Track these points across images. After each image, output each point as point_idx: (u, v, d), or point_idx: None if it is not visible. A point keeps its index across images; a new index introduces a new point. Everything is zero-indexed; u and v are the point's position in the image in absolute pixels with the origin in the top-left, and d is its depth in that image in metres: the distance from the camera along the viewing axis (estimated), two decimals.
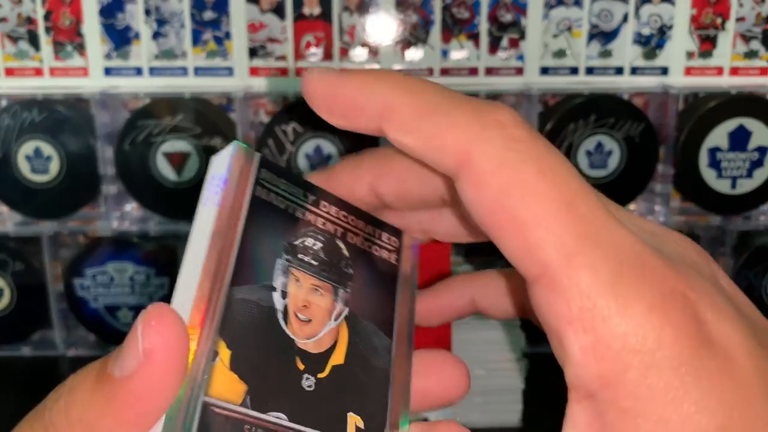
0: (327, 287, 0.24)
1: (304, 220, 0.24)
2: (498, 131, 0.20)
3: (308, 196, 0.25)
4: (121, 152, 0.76)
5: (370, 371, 0.23)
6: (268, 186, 0.24)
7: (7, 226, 0.79)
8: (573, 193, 0.19)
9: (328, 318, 0.23)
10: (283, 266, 0.23)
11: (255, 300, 0.21)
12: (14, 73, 0.78)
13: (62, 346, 0.83)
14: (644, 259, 0.19)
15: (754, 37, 0.78)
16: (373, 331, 0.24)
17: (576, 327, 0.19)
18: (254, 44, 0.77)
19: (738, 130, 0.77)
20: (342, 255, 0.25)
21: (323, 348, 0.23)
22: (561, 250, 0.19)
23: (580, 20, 0.77)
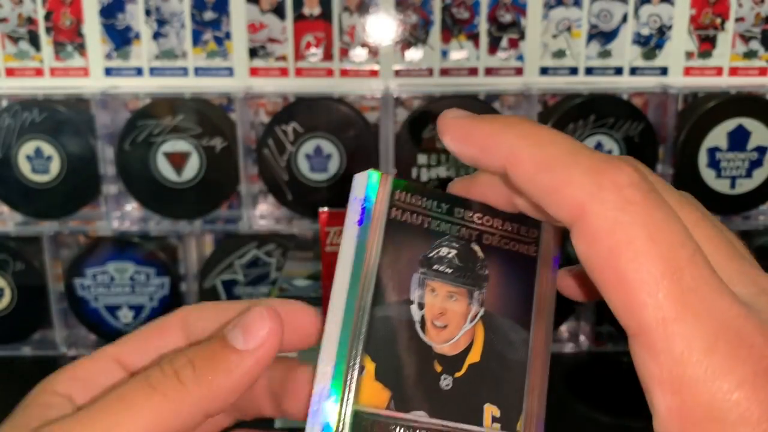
0: (462, 292, 0.26)
1: (439, 230, 0.26)
2: (613, 193, 0.21)
3: (442, 206, 0.26)
4: (122, 152, 0.76)
5: (507, 364, 0.25)
6: (403, 206, 0.26)
7: (8, 226, 0.79)
8: (681, 261, 0.20)
9: (464, 321, 0.25)
10: (419, 279, 0.25)
11: (395, 315, 0.25)
12: (15, 73, 0.78)
13: (63, 345, 0.83)
14: (743, 334, 0.20)
15: (753, 37, 0.78)
16: (510, 326, 0.26)
17: (665, 388, 0.20)
18: (254, 44, 0.77)
19: (737, 130, 0.77)
20: (477, 258, 0.26)
21: (460, 349, 0.25)
22: (659, 316, 0.20)
23: (579, 20, 0.77)
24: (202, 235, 0.83)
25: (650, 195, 0.21)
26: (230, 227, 0.79)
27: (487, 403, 0.25)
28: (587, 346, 0.80)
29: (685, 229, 0.21)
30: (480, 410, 0.24)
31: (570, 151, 0.22)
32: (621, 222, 0.20)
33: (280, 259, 0.82)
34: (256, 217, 0.79)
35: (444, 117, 0.26)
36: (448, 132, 0.25)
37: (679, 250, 0.20)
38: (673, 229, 0.20)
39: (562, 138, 0.23)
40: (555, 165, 0.22)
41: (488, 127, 0.24)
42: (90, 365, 0.26)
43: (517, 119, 0.24)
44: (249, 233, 0.80)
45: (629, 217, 0.20)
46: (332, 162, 0.76)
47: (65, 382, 0.26)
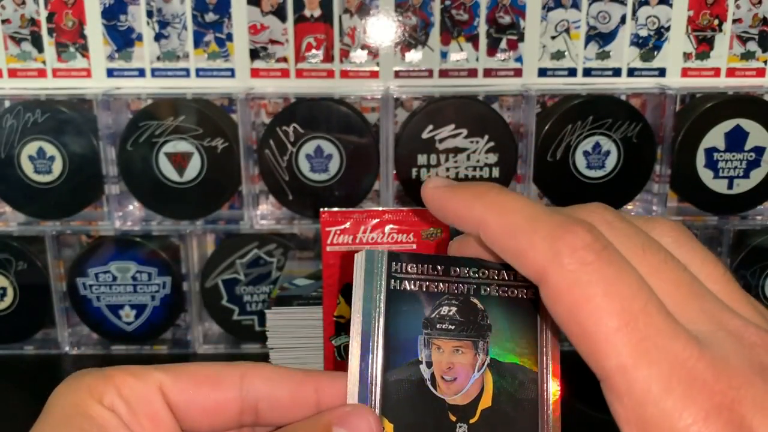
0: (467, 344, 0.28)
1: (438, 291, 0.28)
2: (569, 256, 0.23)
3: (438, 269, 0.29)
4: (124, 153, 0.76)
5: (518, 404, 0.27)
6: (400, 276, 0.28)
7: (11, 225, 0.79)
8: (634, 312, 0.22)
9: (472, 371, 0.27)
10: (425, 340, 0.27)
11: (406, 377, 0.27)
12: (17, 74, 0.79)
13: (65, 344, 0.83)
14: (695, 373, 0.21)
15: (750, 38, 0.79)
16: (517, 367, 0.28)
17: (631, 427, 0.22)
18: (255, 46, 0.78)
19: (735, 131, 0.77)
20: (477, 310, 0.28)
21: (471, 397, 0.27)
22: (619, 363, 0.22)
23: (578, 22, 0.78)
24: (204, 235, 0.83)
25: (603, 253, 0.23)
26: (231, 227, 0.79)
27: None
28: None
29: (639, 280, 0.23)
30: None
31: (531, 217, 0.25)
32: (578, 282, 0.23)
33: (281, 259, 0.82)
34: (257, 217, 0.79)
35: (425, 187, 0.29)
36: (428, 202, 0.29)
37: (632, 302, 0.22)
38: (626, 282, 0.23)
39: (525, 205, 0.25)
40: (517, 232, 0.25)
41: (461, 198, 0.27)
42: (135, 386, 0.26)
43: (486, 188, 0.27)
44: (250, 233, 0.81)
45: (585, 276, 0.23)
46: (333, 162, 0.77)
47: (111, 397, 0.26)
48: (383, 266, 0.28)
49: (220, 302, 0.83)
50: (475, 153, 0.76)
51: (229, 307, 0.83)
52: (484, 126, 0.76)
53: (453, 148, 0.76)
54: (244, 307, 0.83)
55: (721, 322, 0.24)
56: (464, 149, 0.76)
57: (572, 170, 0.78)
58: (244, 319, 0.83)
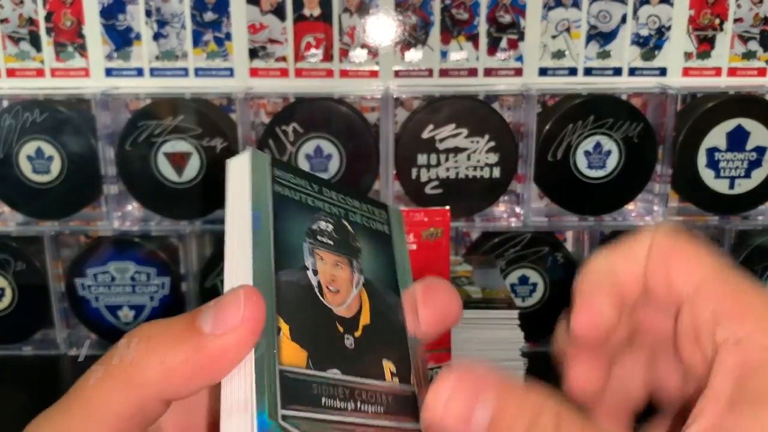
0: (344, 261, 0.28)
1: (314, 206, 0.28)
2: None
3: (313, 186, 0.29)
4: (123, 152, 0.76)
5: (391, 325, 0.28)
6: (283, 182, 0.28)
7: (9, 226, 0.79)
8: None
9: (351, 287, 0.27)
10: (309, 248, 0.27)
11: (296, 280, 0.26)
12: (16, 73, 0.78)
13: (63, 345, 0.83)
14: None
15: (752, 37, 0.78)
16: (385, 291, 0.28)
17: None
18: (255, 45, 0.77)
19: (736, 131, 0.77)
20: (349, 232, 0.29)
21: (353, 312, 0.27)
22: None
23: (578, 21, 0.77)
24: (203, 235, 0.83)
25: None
26: None
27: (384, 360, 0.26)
28: None
29: None
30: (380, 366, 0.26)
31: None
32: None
33: None
34: None
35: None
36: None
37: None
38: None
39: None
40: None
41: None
42: None
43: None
44: None
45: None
46: (332, 162, 0.77)
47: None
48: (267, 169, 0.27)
49: None
50: (475, 153, 0.76)
51: None
52: (485, 126, 0.76)
53: (453, 148, 0.76)
54: None
55: None
56: (464, 149, 0.76)
57: (573, 170, 0.77)
58: None
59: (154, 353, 0.22)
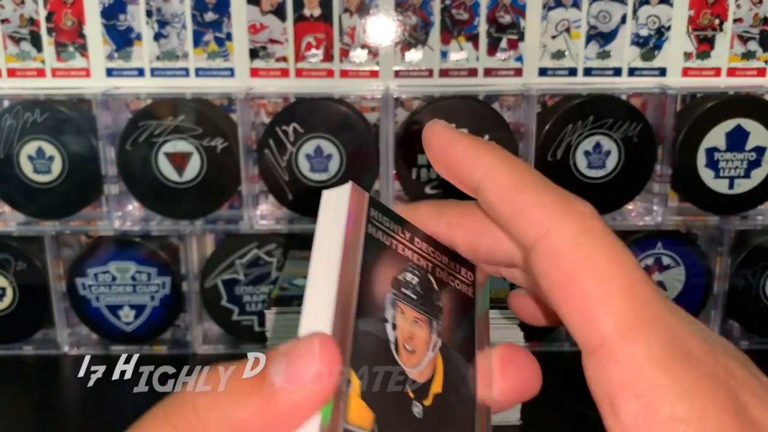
0: (424, 319, 0.26)
1: (404, 255, 0.26)
2: (578, 219, 0.23)
3: (405, 233, 0.27)
4: (123, 152, 0.76)
5: (461, 398, 0.25)
6: (377, 224, 0.26)
7: (10, 225, 0.79)
8: (636, 280, 0.22)
9: (427, 349, 0.25)
10: (392, 299, 0.25)
11: (374, 332, 0.23)
12: (16, 73, 0.79)
13: (64, 345, 0.83)
14: (691, 344, 0.21)
15: (751, 38, 0.79)
16: (461, 360, 0.26)
17: (628, 393, 0.21)
18: (255, 45, 0.78)
19: (735, 131, 0.77)
20: (434, 289, 0.27)
21: (425, 377, 0.24)
22: (620, 325, 0.21)
23: (578, 21, 0.77)
24: (203, 235, 0.83)
25: (606, 226, 0.23)
26: (231, 227, 0.79)
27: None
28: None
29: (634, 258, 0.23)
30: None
31: (540, 179, 0.25)
32: (583, 244, 0.23)
33: (280, 259, 0.82)
34: (256, 217, 0.79)
35: (429, 129, 0.27)
36: (429, 149, 0.27)
37: (634, 272, 0.22)
38: (627, 254, 0.23)
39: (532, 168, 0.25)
40: (527, 188, 0.24)
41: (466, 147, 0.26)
42: None
43: (491, 144, 0.26)
44: (250, 233, 0.81)
45: (591, 240, 0.23)
46: (332, 162, 0.77)
47: None
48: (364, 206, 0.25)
49: (220, 302, 0.83)
50: None
51: (228, 307, 0.83)
52: (485, 126, 0.76)
53: None
54: (243, 308, 0.83)
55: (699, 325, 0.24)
56: None
57: (573, 170, 0.77)
58: (243, 320, 0.83)
59: (221, 407, 0.21)
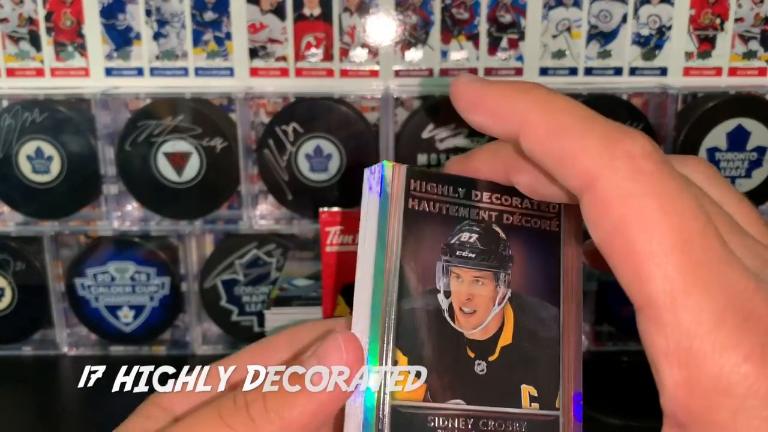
0: (488, 275, 0.25)
1: (458, 216, 0.26)
2: (626, 162, 0.21)
3: (459, 191, 0.26)
4: (122, 152, 0.76)
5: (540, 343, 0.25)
6: (419, 195, 0.26)
7: (9, 226, 0.79)
8: (691, 233, 0.20)
9: (492, 304, 0.25)
10: (443, 267, 0.25)
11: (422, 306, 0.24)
12: (15, 73, 0.78)
13: (63, 345, 0.83)
14: (751, 306, 0.19)
15: (752, 37, 0.78)
16: (539, 304, 0.26)
17: (672, 362, 0.19)
18: (255, 45, 0.77)
19: (736, 131, 0.77)
20: (499, 239, 0.26)
21: (491, 333, 0.25)
22: (668, 288, 0.19)
23: (579, 21, 0.77)
24: (203, 235, 0.83)
25: (663, 166, 0.21)
26: (230, 227, 0.79)
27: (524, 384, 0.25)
28: (587, 346, 0.81)
29: (698, 201, 0.21)
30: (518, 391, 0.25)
31: (584, 118, 0.22)
32: (633, 192, 0.20)
33: (280, 259, 0.82)
34: (256, 217, 0.79)
35: (456, 83, 0.26)
36: (460, 98, 0.26)
37: (690, 222, 0.20)
38: (685, 200, 0.20)
39: (576, 105, 0.23)
40: (568, 132, 0.22)
41: (500, 93, 0.24)
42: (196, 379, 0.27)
43: (530, 85, 0.24)
44: (249, 233, 0.80)
45: (641, 187, 0.20)
46: (332, 162, 0.77)
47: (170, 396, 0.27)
48: (401, 182, 0.25)
49: (219, 303, 0.83)
50: None
51: (228, 307, 0.83)
52: None
53: (453, 148, 0.76)
54: (243, 308, 0.83)
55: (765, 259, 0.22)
56: (465, 149, 0.76)
57: None
58: (243, 320, 0.83)
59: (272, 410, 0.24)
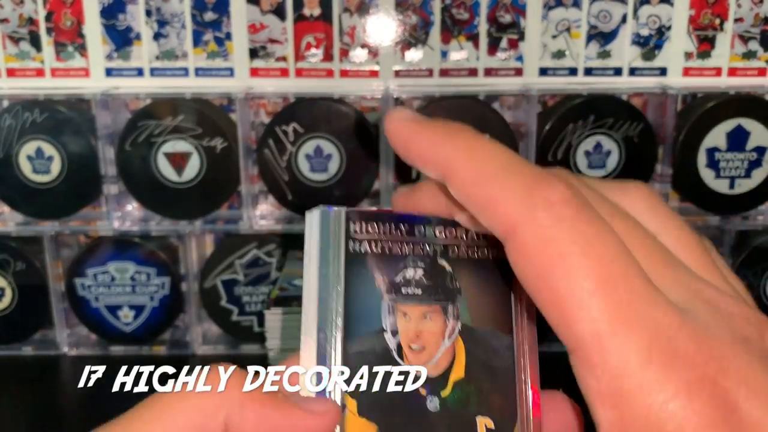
0: (436, 309, 0.25)
1: (401, 253, 0.26)
2: (545, 210, 0.21)
3: (401, 228, 0.26)
4: (123, 152, 0.76)
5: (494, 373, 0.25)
6: (360, 237, 0.25)
7: (9, 226, 0.79)
8: (613, 275, 0.20)
9: (442, 339, 0.25)
10: (389, 306, 0.25)
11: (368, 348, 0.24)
12: (16, 73, 0.78)
13: (64, 345, 0.83)
14: (677, 343, 0.20)
15: (752, 37, 0.78)
16: (491, 333, 0.25)
17: (604, 402, 0.20)
18: (255, 45, 0.77)
19: (736, 131, 0.77)
20: (445, 272, 0.26)
21: (442, 368, 0.24)
22: (594, 330, 0.20)
23: (578, 21, 0.77)
24: (203, 235, 0.83)
25: (582, 210, 0.21)
26: (230, 227, 0.79)
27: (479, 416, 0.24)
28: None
29: (619, 242, 0.21)
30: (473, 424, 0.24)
31: (506, 166, 0.22)
32: (553, 239, 0.21)
33: (280, 259, 0.82)
34: (256, 217, 0.79)
35: (390, 119, 0.26)
36: (391, 137, 0.26)
37: (611, 264, 0.20)
38: (606, 243, 0.21)
39: (500, 152, 0.23)
40: (490, 181, 0.22)
41: (428, 137, 0.24)
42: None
43: (457, 129, 0.24)
44: (249, 233, 0.80)
45: (561, 233, 0.21)
46: (332, 162, 0.77)
47: None
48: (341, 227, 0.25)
49: (219, 303, 0.83)
50: None
51: (228, 307, 0.83)
52: (485, 126, 0.75)
53: None
54: (243, 308, 0.83)
55: (697, 292, 0.22)
56: None
57: (573, 170, 0.77)
58: (243, 320, 0.83)
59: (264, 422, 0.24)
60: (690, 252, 0.24)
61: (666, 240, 0.24)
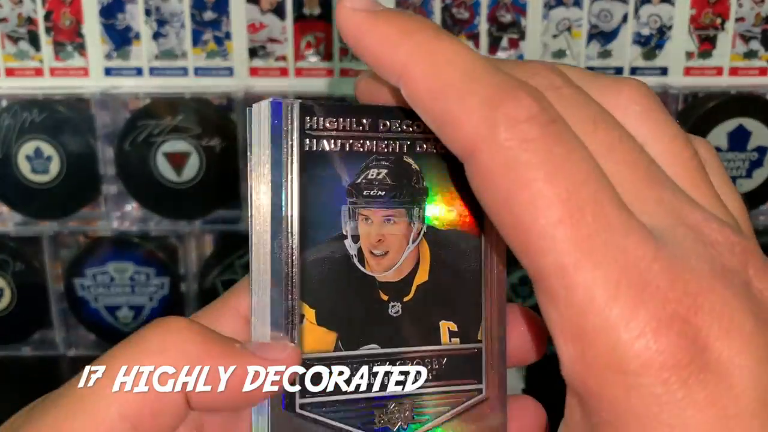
0: (400, 212, 0.24)
1: (364, 151, 0.23)
2: (508, 129, 0.19)
3: (363, 123, 0.23)
4: (122, 152, 0.76)
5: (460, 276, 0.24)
6: (317, 133, 0.23)
7: (8, 226, 0.79)
8: (581, 201, 0.18)
9: (406, 243, 0.24)
10: (349, 210, 0.23)
11: (327, 255, 0.23)
12: (14, 73, 0.78)
13: (62, 345, 0.83)
14: (648, 277, 0.18)
15: (753, 37, 0.78)
16: (458, 235, 0.24)
17: (566, 337, 0.19)
18: (254, 44, 0.77)
19: (737, 130, 0.77)
20: (411, 171, 0.24)
21: (405, 273, 0.23)
22: (558, 263, 0.18)
23: (579, 20, 0.77)
24: (202, 235, 0.83)
25: (550, 128, 0.19)
26: (230, 227, 0.79)
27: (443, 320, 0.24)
28: None
29: (590, 163, 0.19)
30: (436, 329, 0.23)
31: (467, 74, 0.20)
32: (516, 162, 0.19)
33: None
34: None
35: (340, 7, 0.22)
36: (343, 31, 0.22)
37: (580, 189, 0.18)
38: (575, 165, 0.19)
39: (462, 55, 0.20)
40: (447, 92, 0.20)
41: (381, 33, 0.21)
42: None
43: (416, 25, 0.21)
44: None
45: (525, 155, 0.19)
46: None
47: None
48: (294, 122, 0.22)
49: None
50: None
51: None
52: None
53: None
54: None
55: (680, 216, 0.20)
56: None
57: None
58: None
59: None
60: (681, 166, 0.22)
61: (655, 151, 0.21)
